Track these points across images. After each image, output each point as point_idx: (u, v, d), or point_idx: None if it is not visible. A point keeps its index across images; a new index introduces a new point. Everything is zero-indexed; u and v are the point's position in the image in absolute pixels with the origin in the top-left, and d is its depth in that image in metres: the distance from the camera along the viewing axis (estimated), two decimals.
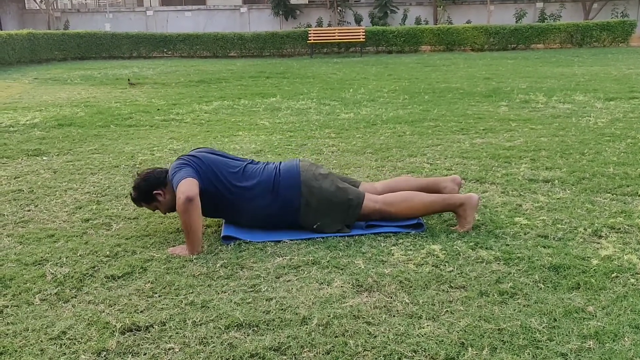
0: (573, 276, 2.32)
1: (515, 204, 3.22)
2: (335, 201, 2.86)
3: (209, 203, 2.79)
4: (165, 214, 3.07)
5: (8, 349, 1.91)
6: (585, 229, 2.82)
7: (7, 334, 2.01)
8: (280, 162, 3.03)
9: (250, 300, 2.21)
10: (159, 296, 2.26)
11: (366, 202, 2.89)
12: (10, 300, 2.26)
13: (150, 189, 2.92)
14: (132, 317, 2.08)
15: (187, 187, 2.66)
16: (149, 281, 2.38)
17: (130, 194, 3.03)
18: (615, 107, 6.42)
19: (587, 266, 2.40)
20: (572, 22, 18.38)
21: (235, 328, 2.01)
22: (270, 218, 2.89)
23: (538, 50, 17.12)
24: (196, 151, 3.04)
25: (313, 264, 2.51)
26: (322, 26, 21.40)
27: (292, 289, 2.29)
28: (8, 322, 2.09)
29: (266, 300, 2.20)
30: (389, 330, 1.97)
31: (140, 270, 2.50)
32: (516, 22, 19.96)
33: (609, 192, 3.40)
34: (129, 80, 10.55)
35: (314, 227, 2.85)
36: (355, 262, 2.51)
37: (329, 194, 2.86)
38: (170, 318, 2.08)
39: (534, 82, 9.05)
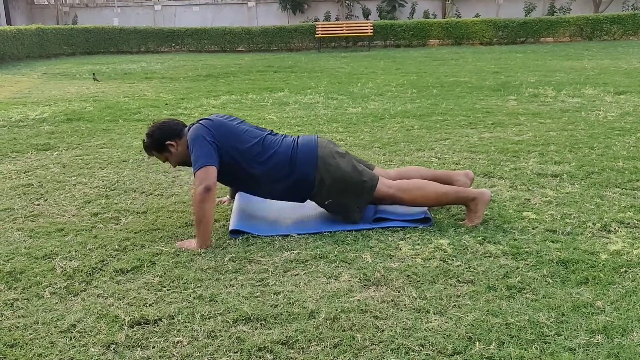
0: (582, 271, 2.31)
1: (523, 199, 3.21)
2: (350, 181, 2.85)
3: (225, 171, 2.79)
4: (175, 166, 3.05)
5: (19, 342, 1.93)
6: (594, 224, 2.81)
7: (17, 327, 2.03)
8: (299, 136, 3.02)
9: (258, 294, 2.22)
10: (168, 290, 2.27)
11: (380, 186, 2.88)
12: (20, 294, 2.28)
13: (164, 139, 2.91)
14: (141, 310, 2.10)
15: (206, 175, 2.66)
16: (157, 275, 2.40)
17: (143, 141, 3.00)
18: (625, 101, 6.37)
19: (595, 261, 2.39)
20: (582, 15, 18.21)
21: (243, 322, 2.02)
22: (283, 190, 2.90)
23: (547, 44, 17.00)
24: (217, 116, 2.98)
25: (320, 258, 2.52)
26: (330, 20, 21.32)
27: (299, 283, 2.30)
28: (19, 315, 2.11)
29: (274, 294, 2.21)
30: (396, 324, 1.97)
31: (149, 264, 2.51)
32: (525, 15, 19.80)
33: (618, 187, 3.38)
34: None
35: (325, 202, 2.85)
36: (363, 256, 2.52)
37: (344, 173, 2.85)
38: (178, 312, 2.09)
39: (543, 76, 8.99)
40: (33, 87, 9.56)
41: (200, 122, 2.90)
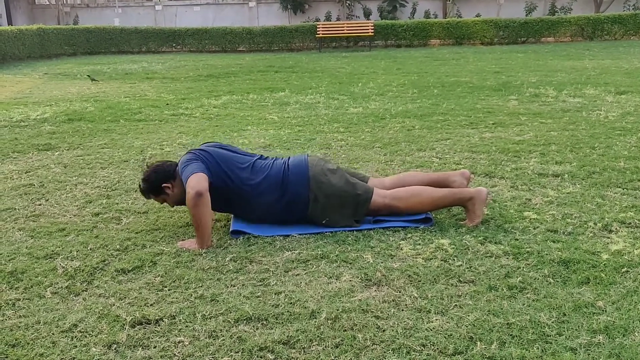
0: (583, 271, 2.31)
1: (524, 199, 3.21)
2: (344, 196, 2.86)
3: (218, 198, 2.80)
4: (173, 207, 3.08)
5: (20, 342, 1.94)
6: (595, 224, 2.80)
7: (19, 327, 2.03)
8: (289, 158, 3.03)
9: (259, 294, 2.22)
10: (169, 290, 2.28)
11: (375, 197, 2.89)
12: (22, 294, 2.28)
13: (160, 182, 2.93)
14: (142, 310, 2.10)
15: (197, 181, 2.67)
16: (158, 275, 2.40)
17: (140, 186, 3.05)
18: (626, 101, 6.37)
19: (597, 261, 2.39)
20: (583, 15, 18.19)
21: (245, 321, 2.02)
22: (279, 213, 2.90)
23: (548, 44, 16.99)
24: (206, 145, 3.05)
25: (322, 258, 2.52)
26: (330, 20, 21.32)
27: (300, 283, 2.30)
28: (20, 315, 2.12)
29: (275, 294, 2.21)
30: (397, 324, 1.97)
31: (150, 264, 2.51)
32: (526, 15, 19.79)
33: (619, 187, 3.38)
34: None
35: (323, 222, 2.86)
36: (364, 256, 2.52)
37: (337, 189, 2.86)
38: (180, 311, 2.10)
39: (544, 75, 8.98)
40: (34, 87, 9.57)
41: (190, 151, 2.96)
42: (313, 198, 2.85)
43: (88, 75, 10.52)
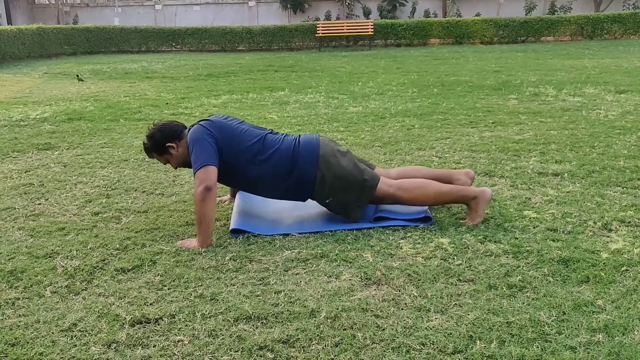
0: (582, 270, 2.31)
1: (524, 197, 3.21)
2: (351, 179, 2.85)
3: (228, 171, 2.79)
4: (175, 168, 3.05)
5: (20, 341, 1.94)
6: (595, 223, 2.81)
7: (19, 326, 2.03)
8: (300, 135, 3.02)
9: (259, 293, 2.22)
10: (169, 289, 2.28)
11: (381, 185, 2.88)
12: (21, 293, 2.28)
13: (165, 141, 2.91)
14: (141, 309, 2.10)
15: (207, 175, 2.66)
16: (158, 274, 2.40)
17: (144, 143, 3.01)
18: (626, 100, 6.37)
19: (596, 259, 2.39)
20: (582, 14, 18.20)
21: (244, 320, 2.02)
22: (285, 189, 2.89)
23: (548, 43, 16.99)
24: (216, 117, 2.98)
25: (321, 257, 2.52)
26: (330, 19, 21.32)
27: (300, 282, 2.30)
28: (20, 314, 2.12)
29: (275, 293, 2.21)
30: (397, 323, 1.97)
31: (150, 263, 2.51)
32: (526, 14, 19.79)
33: (619, 186, 3.38)
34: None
35: (327, 201, 2.86)
36: (364, 255, 2.52)
37: (345, 171, 2.85)
38: (179, 310, 2.09)
39: (544, 75, 8.98)
40: (34, 86, 9.57)
41: (200, 122, 2.91)
42: (320, 177, 2.84)
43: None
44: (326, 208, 2.96)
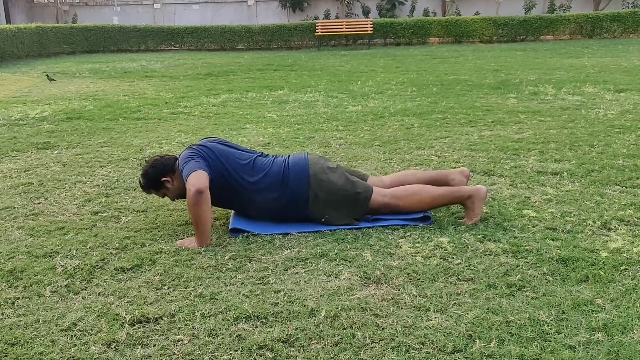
0: (582, 269, 2.31)
1: (523, 197, 3.21)
2: (344, 194, 2.86)
3: (218, 193, 2.79)
4: (174, 200, 3.07)
5: (20, 340, 1.94)
6: (594, 222, 2.81)
7: (18, 326, 2.03)
8: (289, 155, 3.03)
9: (258, 292, 2.22)
10: (168, 288, 2.28)
11: (374, 196, 2.89)
12: (21, 292, 2.28)
13: (159, 176, 2.93)
14: (141, 309, 2.10)
15: (197, 179, 2.67)
16: (158, 273, 2.40)
17: (139, 182, 3.04)
18: (625, 99, 6.37)
19: (596, 259, 2.39)
20: (582, 13, 18.19)
21: (244, 320, 2.02)
22: (279, 211, 2.90)
23: (547, 42, 16.99)
24: (206, 141, 3.04)
25: (321, 256, 2.52)
26: (329, 18, 21.31)
27: (300, 281, 2.30)
28: (20, 314, 2.12)
29: (274, 292, 2.21)
30: (396, 322, 1.97)
31: (150, 262, 2.51)
32: (525, 13, 19.79)
33: (618, 185, 3.38)
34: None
35: (322, 220, 2.86)
36: (363, 254, 2.52)
37: (337, 187, 2.86)
38: (179, 310, 2.10)
39: (543, 73, 8.98)
40: (33, 85, 9.56)
41: (190, 147, 2.95)
42: (313, 196, 2.85)
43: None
44: (325, 226, 2.91)
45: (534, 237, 2.65)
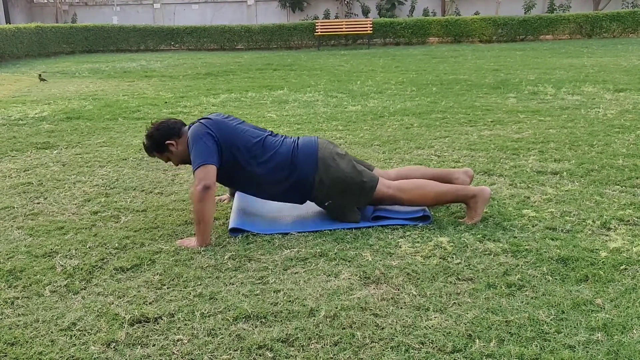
0: (581, 268, 2.31)
1: (523, 196, 3.21)
2: (350, 182, 2.85)
3: (226, 170, 2.78)
4: (177, 165, 3.05)
5: (19, 340, 1.93)
6: (593, 221, 2.81)
7: (18, 325, 2.03)
8: (299, 137, 3.02)
9: (258, 292, 2.22)
10: (168, 288, 2.28)
11: (379, 187, 2.88)
12: (20, 292, 2.28)
13: (163, 139, 2.91)
14: (141, 308, 2.10)
15: (205, 174, 2.66)
16: (157, 273, 2.40)
17: (143, 143, 3.02)
18: (624, 99, 6.37)
19: (595, 258, 2.39)
20: (581, 12, 18.20)
21: (244, 319, 2.02)
22: (284, 191, 2.89)
23: (547, 42, 16.99)
24: (216, 115, 2.97)
25: (320, 256, 2.52)
26: (329, 18, 21.31)
27: (299, 281, 2.30)
28: (19, 314, 2.11)
29: (274, 292, 2.21)
30: (396, 322, 1.97)
31: (149, 262, 2.51)
32: (525, 13, 19.80)
33: (618, 184, 3.38)
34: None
35: (326, 204, 2.86)
36: (363, 254, 2.52)
37: (344, 174, 2.85)
38: (178, 310, 2.09)
39: (543, 73, 8.99)
40: (32, 85, 9.55)
41: (200, 121, 2.90)
42: (319, 180, 2.84)
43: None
44: (326, 211, 2.96)
45: (533, 236, 2.65)
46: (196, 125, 2.88)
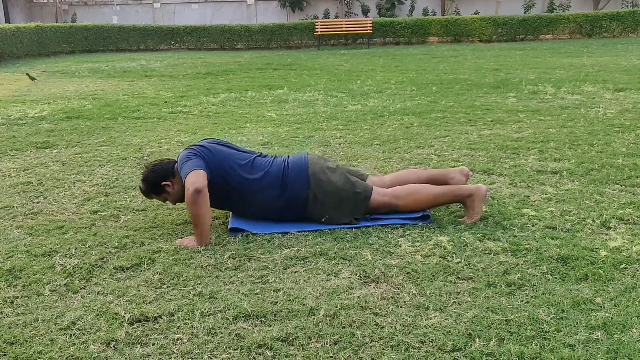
0: (581, 267, 2.31)
1: (523, 195, 3.21)
2: (343, 194, 2.86)
3: (217, 194, 2.79)
4: (175, 204, 3.07)
5: (19, 339, 1.93)
6: (593, 220, 2.81)
7: (17, 324, 2.03)
8: (289, 156, 3.03)
9: (257, 291, 2.22)
10: (167, 287, 2.27)
11: (374, 196, 2.89)
12: (20, 291, 2.28)
13: (159, 181, 2.93)
14: (140, 307, 2.10)
15: (196, 178, 2.67)
16: (157, 272, 2.40)
17: (140, 187, 3.04)
18: (624, 98, 6.37)
19: (595, 257, 2.39)
20: (581, 12, 18.19)
21: (243, 319, 2.02)
22: (278, 211, 2.90)
23: (547, 41, 16.99)
24: (205, 141, 3.04)
25: (320, 255, 2.52)
26: (329, 18, 21.30)
27: (299, 280, 2.30)
28: (19, 313, 2.11)
29: (274, 291, 2.21)
30: (396, 321, 1.97)
31: (149, 261, 2.51)
32: (524, 12, 19.79)
33: (617, 183, 3.38)
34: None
35: (322, 220, 2.86)
36: (363, 253, 2.52)
37: (336, 187, 2.86)
38: (178, 309, 2.09)
39: (543, 73, 8.98)
40: (32, 85, 9.55)
41: (188, 148, 2.95)
42: (312, 196, 2.85)
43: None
44: (325, 224, 2.91)
45: (533, 235, 2.65)
46: (184, 151, 2.93)
